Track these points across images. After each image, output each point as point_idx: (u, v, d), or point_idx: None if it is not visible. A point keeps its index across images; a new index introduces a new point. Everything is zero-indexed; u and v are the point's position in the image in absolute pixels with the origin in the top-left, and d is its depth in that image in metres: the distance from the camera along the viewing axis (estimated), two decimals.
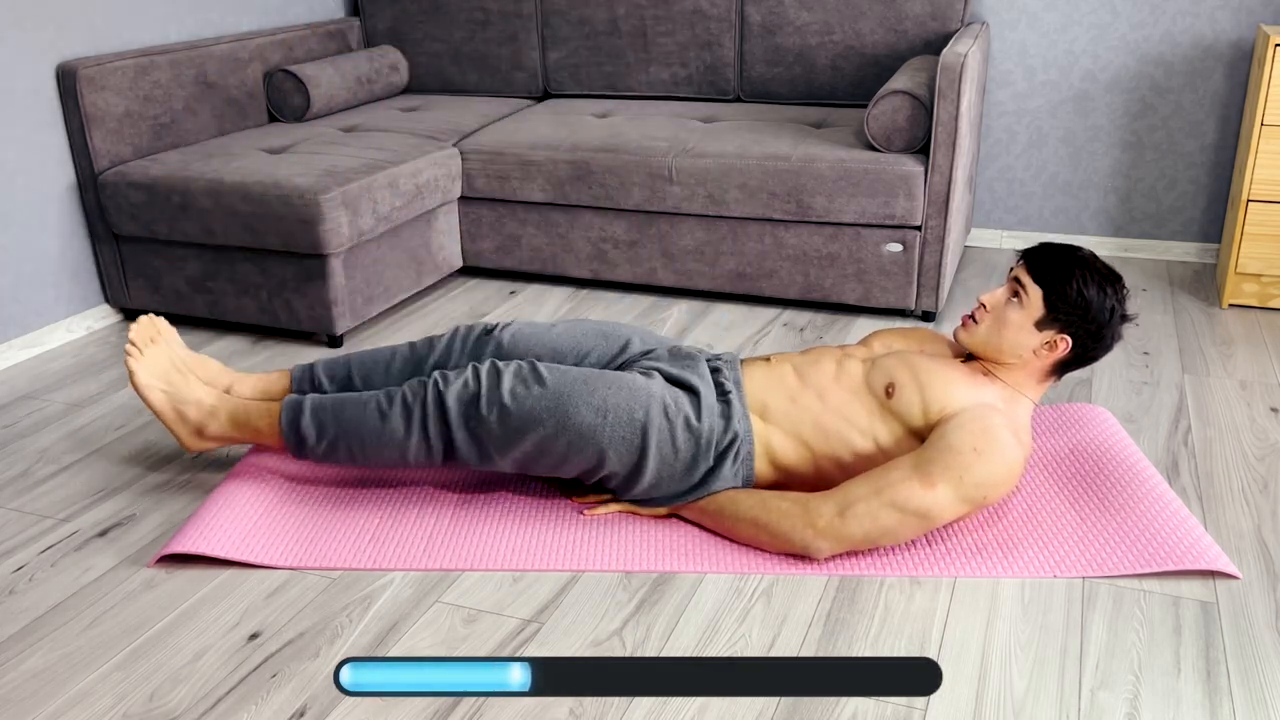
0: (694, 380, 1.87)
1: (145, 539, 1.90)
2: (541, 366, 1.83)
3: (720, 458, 1.84)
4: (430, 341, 2.05)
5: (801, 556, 1.76)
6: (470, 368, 1.84)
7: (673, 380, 1.88)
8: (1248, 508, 1.94)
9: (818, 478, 1.88)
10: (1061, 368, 1.84)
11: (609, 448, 1.79)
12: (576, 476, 1.87)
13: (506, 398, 1.79)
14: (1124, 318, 1.80)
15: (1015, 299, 1.81)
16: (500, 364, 1.84)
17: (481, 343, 2.02)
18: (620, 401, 1.79)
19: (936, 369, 1.82)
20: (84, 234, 2.87)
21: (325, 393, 2.02)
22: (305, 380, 2.05)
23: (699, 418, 1.83)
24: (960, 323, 1.88)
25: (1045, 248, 1.81)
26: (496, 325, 2.04)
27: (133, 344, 1.96)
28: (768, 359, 1.97)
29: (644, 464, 1.80)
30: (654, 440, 1.79)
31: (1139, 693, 1.48)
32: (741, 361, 1.99)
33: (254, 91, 3.28)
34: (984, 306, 1.84)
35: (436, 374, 1.85)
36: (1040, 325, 1.79)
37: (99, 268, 2.92)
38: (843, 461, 1.84)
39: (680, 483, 1.84)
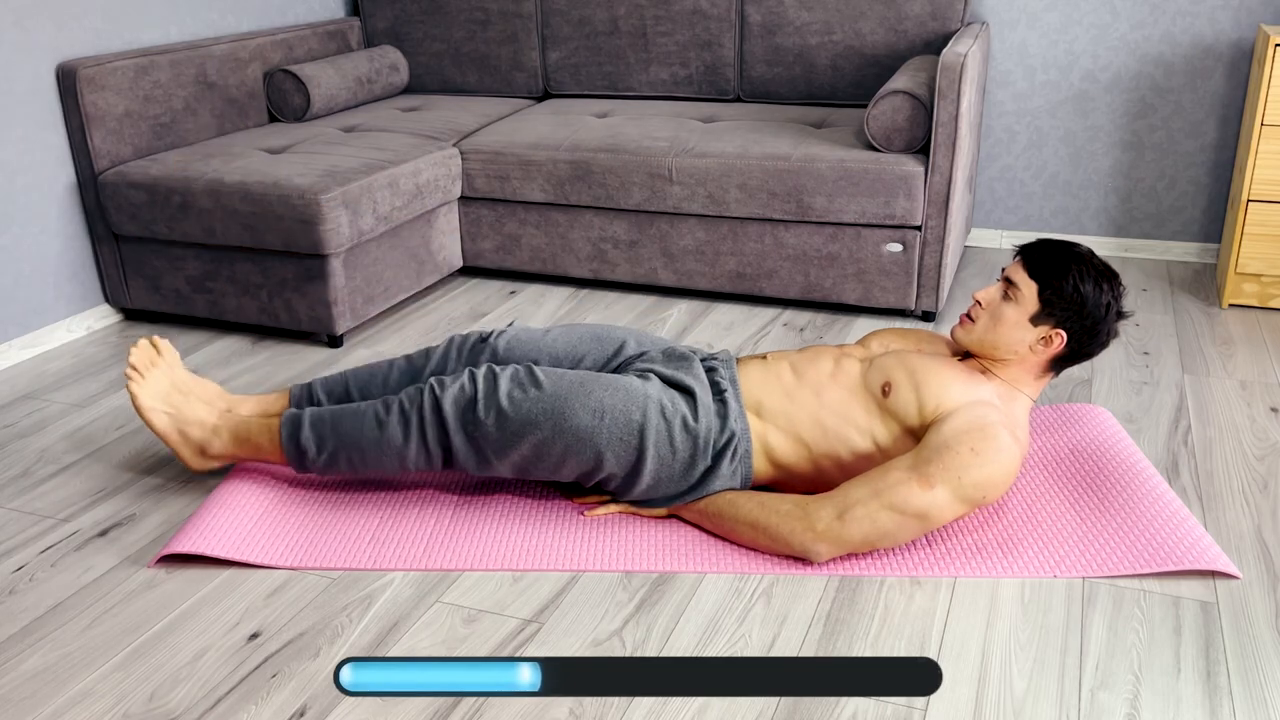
0: (689, 381, 1.87)
1: (145, 539, 1.90)
2: (538, 370, 1.83)
3: (718, 457, 1.84)
4: (426, 353, 2.05)
5: (801, 558, 1.76)
6: (466, 372, 1.84)
7: (668, 381, 1.88)
8: (1248, 508, 1.94)
9: (817, 476, 1.88)
10: (1058, 363, 1.84)
11: (606, 449, 1.79)
12: (575, 479, 1.87)
13: (503, 401, 1.79)
14: (1120, 314, 1.80)
15: (1009, 295, 1.81)
16: (496, 368, 1.84)
17: (477, 350, 2.03)
18: (617, 403, 1.79)
19: (933, 367, 1.82)
20: (84, 234, 2.87)
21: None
22: (303, 398, 2.06)
23: (695, 418, 1.83)
24: (958, 321, 1.88)
25: (1042, 243, 1.82)
26: (491, 333, 2.05)
27: (133, 368, 1.97)
28: (764, 357, 1.97)
29: (642, 465, 1.81)
30: (651, 441, 1.79)
31: (1139, 693, 1.49)
32: (737, 360, 1.99)
33: (254, 91, 3.28)
34: (979, 304, 1.84)
35: (433, 380, 1.85)
36: (1035, 321, 1.79)
37: (99, 268, 2.92)
38: (841, 460, 1.84)
39: (679, 483, 1.84)
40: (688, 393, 1.86)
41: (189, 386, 2.02)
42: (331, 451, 1.87)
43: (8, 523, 1.97)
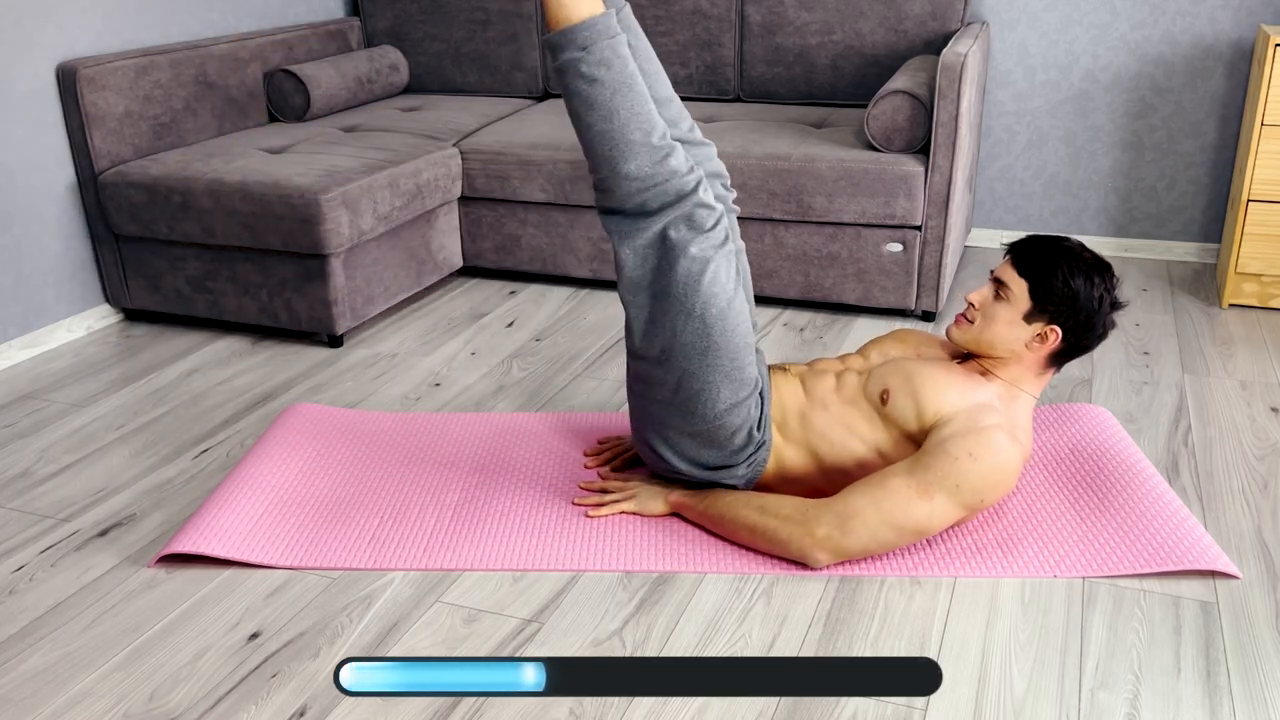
0: (766, 397, 1.90)
1: (145, 539, 1.90)
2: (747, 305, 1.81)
3: (743, 461, 1.85)
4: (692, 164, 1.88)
5: (800, 562, 1.76)
6: (726, 250, 1.75)
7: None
8: (1248, 508, 1.94)
9: (823, 482, 1.88)
10: (1057, 359, 1.84)
11: (724, 385, 1.78)
12: (653, 370, 1.81)
13: (706, 287, 1.72)
14: (1114, 305, 1.79)
15: (1001, 295, 1.81)
16: (731, 244, 1.77)
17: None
18: (750, 369, 1.80)
19: (930, 373, 1.82)
20: (84, 234, 2.87)
21: None
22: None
23: (760, 428, 1.86)
24: (953, 322, 1.88)
25: (1030, 240, 1.81)
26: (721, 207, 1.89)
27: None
28: (785, 368, 1.97)
29: (718, 416, 1.80)
30: (743, 412, 1.81)
31: (1139, 693, 1.49)
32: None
33: (254, 91, 3.28)
34: (973, 305, 1.84)
35: (704, 192, 1.73)
36: (1029, 319, 1.79)
37: (99, 268, 2.92)
38: (847, 470, 1.85)
39: (703, 455, 1.85)
40: (761, 399, 1.89)
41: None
42: (603, 80, 1.70)
43: (8, 523, 1.97)
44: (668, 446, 1.86)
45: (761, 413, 1.86)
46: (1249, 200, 2.82)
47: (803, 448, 1.87)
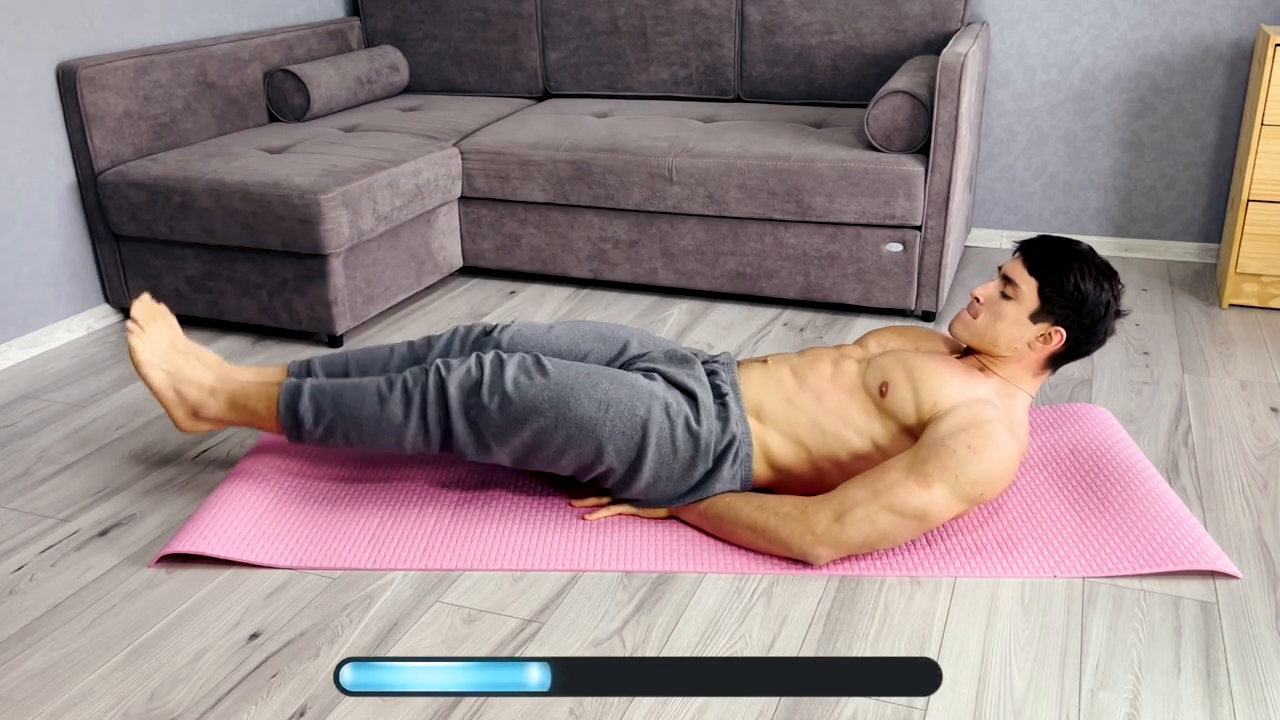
0: (691, 384, 1.87)
1: (145, 539, 1.90)
2: (545, 359, 1.83)
3: (719, 460, 1.84)
4: (429, 341, 2.05)
5: (800, 560, 1.76)
6: (474, 356, 1.84)
7: (671, 382, 1.88)
8: (1248, 508, 1.94)
9: (817, 478, 1.88)
10: (1056, 360, 1.84)
11: (608, 442, 1.79)
12: (573, 473, 1.87)
13: (509, 386, 1.79)
14: (1118, 313, 1.80)
15: (1008, 293, 1.81)
16: (504, 354, 1.84)
17: (481, 343, 2.02)
18: (622, 397, 1.79)
19: (930, 366, 1.82)
20: (84, 234, 2.87)
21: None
22: (302, 373, 2.05)
23: (698, 420, 1.83)
24: (957, 317, 1.88)
25: (1042, 240, 1.81)
26: (496, 326, 2.05)
27: (134, 321, 1.95)
28: (765, 360, 1.97)
29: (642, 461, 1.80)
30: (654, 438, 1.79)
31: (1139, 693, 1.49)
32: (738, 363, 1.99)
33: (254, 91, 3.28)
34: (978, 300, 1.84)
35: (439, 361, 1.85)
36: (1035, 318, 1.79)
37: (99, 268, 2.92)
38: (840, 461, 1.84)
39: (678, 484, 1.84)
40: (690, 395, 1.86)
41: (188, 347, 2.01)
42: (329, 424, 1.86)
43: (8, 523, 1.97)
44: (646, 495, 1.87)
45: (698, 415, 1.84)
46: (1249, 200, 2.82)
47: (787, 434, 1.86)
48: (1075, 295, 1.76)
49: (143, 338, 1.94)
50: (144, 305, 1.98)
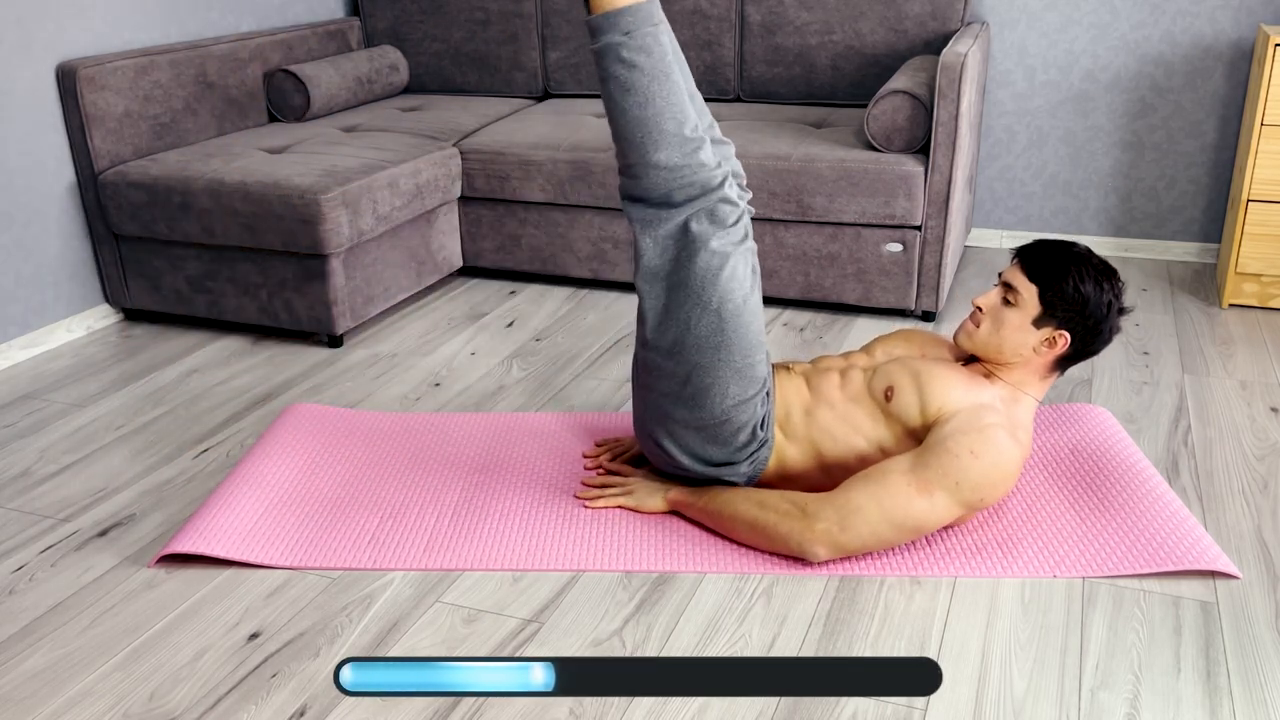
0: (773, 391, 1.90)
1: (145, 539, 1.90)
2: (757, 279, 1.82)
3: (746, 459, 1.85)
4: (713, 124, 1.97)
5: (799, 558, 1.76)
6: (746, 225, 1.78)
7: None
8: (1248, 508, 1.94)
9: (823, 478, 1.88)
10: (1062, 363, 1.84)
11: (732, 382, 1.79)
12: (659, 368, 1.83)
13: (724, 282, 1.74)
14: (1121, 311, 1.80)
15: (1009, 300, 1.80)
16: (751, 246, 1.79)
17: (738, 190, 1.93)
18: (760, 367, 1.81)
19: (934, 371, 1.82)
20: (84, 234, 2.87)
21: None
22: None
23: (763, 426, 1.86)
24: (959, 327, 1.88)
25: (1039, 245, 1.81)
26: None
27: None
28: (788, 366, 1.97)
29: (726, 417, 1.81)
30: (747, 411, 1.81)
31: (1139, 693, 1.49)
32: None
33: (254, 91, 3.28)
34: (980, 310, 1.84)
35: (736, 188, 1.78)
36: (1038, 323, 1.79)
37: (99, 268, 2.92)
38: (848, 465, 1.85)
39: (706, 448, 1.85)
40: (768, 398, 1.89)
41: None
42: (640, 64, 1.71)
43: (8, 523, 1.97)
44: (672, 440, 1.86)
45: (767, 411, 1.86)
46: (1249, 200, 2.82)
47: (806, 445, 1.87)
48: (1076, 298, 1.76)
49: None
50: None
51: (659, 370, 1.82)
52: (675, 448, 1.87)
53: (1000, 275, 1.84)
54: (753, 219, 2.89)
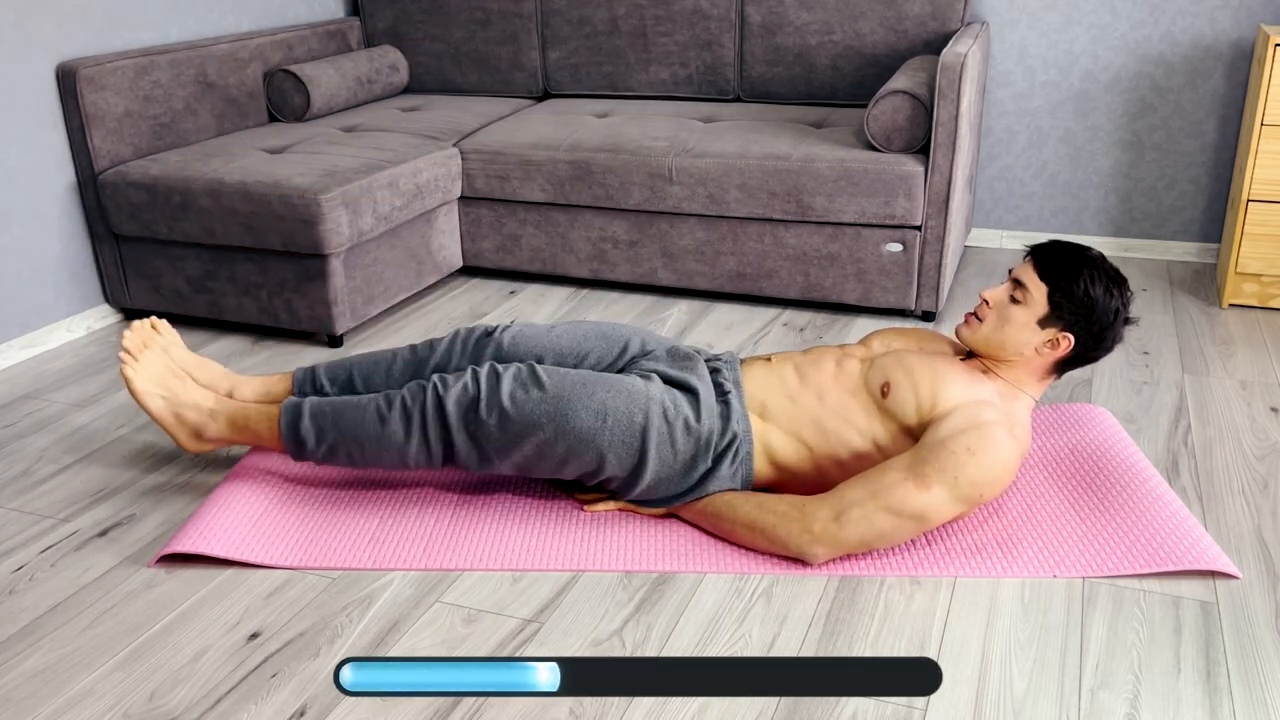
0: (693, 381, 1.87)
1: (145, 539, 1.90)
2: (540, 370, 1.83)
3: (719, 458, 1.84)
4: (430, 344, 2.05)
5: (798, 559, 1.76)
6: (469, 371, 1.84)
7: (671, 381, 1.88)
8: (1248, 508, 1.94)
9: (818, 477, 1.88)
10: (1062, 366, 1.84)
11: (609, 451, 1.79)
12: (577, 479, 1.87)
13: (506, 401, 1.79)
14: (1127, 320, 1.80)
15: (1016, 298, 1.80)
16: (500, 367, 1.84)
17: (481, 345, 2.02)
18: (619, 405, 1.79)
19: (932, 367, 1.82)
20: (84, 234, 2.87)
21: (326, 395, 2.02)
22: (307, 382, 2.05)
23: (698, 418, 1.83)
24: (963, 320, 1.88)
25: (1053, 245, 1.81)
26: (496, 327, 2.05)
27: (127, 351, 1.97)
28: (769, 358, 1.97)
29: (643, 466, 1.81)
30: (653, 443, 1.79)
31: (1139, 693, 1.49)
32: (741, 361, 1.99)
33: (254, 91, 3.28)
34: (986, 303, 1.84)
35: (436, 377, 1.85)
36: (1044, 323, 1.79)
37: (99, 268, 2.92)
38: (841, 461, 1.84)
39: (679, 483, 1.84)
40: (691, 392, 1.86)
41: (188, 367, 2.03)
42: (331, 444, 1.87)
43: (8, 523, 1.97)
44: (648, 495, 1.87)
45: (698, 413, 1.84)
46: (1249, 200, 2.82)
47: (790, 432, 1.86)
48: (1085, 301, 1.76)
49: (137, 367, 1.96)
50: (136, 331, 2.00)
51: (593, 475, 1.85)
52: (657, 496, 1.88)
53: (1011, 271, 1.84)
54: (753, 219, 2.89)
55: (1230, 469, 2.08)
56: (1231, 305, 2.94)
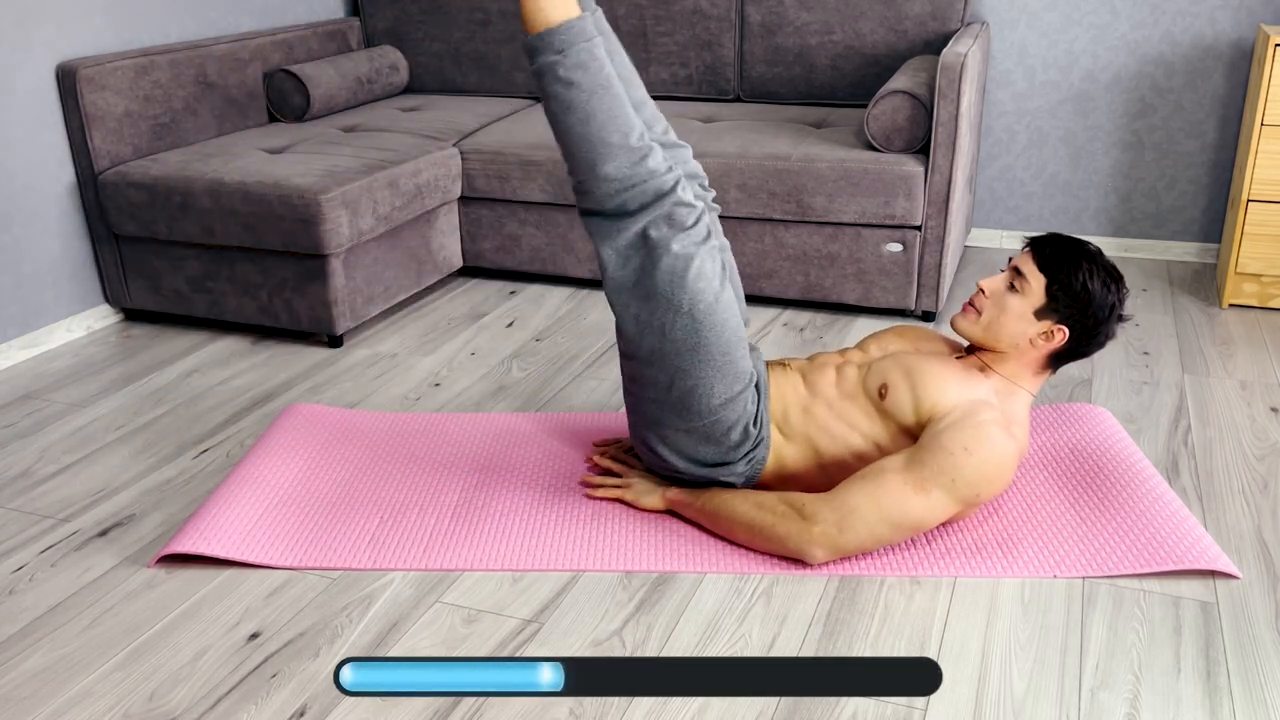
0: (764, 391, 1.90)
1: (145, 539, 1.90)
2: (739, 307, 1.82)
3: (741, 458, 1.85)
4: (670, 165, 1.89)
5: (797, 559, 1.76)
6: (709, 246, 1.76)
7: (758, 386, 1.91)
8: (1248, 508, 1.94)
9: (820, 477, 1.88)
10: (1056, 359, 1.84)
11: (716, 377, 1.78)
12: (629, 384, 1.84)
13: (692, 266, 1.73)
14: (1121, 317, 1.81)
15: (1014, 287, 1.81)
16: (728, 261, 1.81)
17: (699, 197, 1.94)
18: (744, 368, 1.81)
19: (928, 367, 1.82)
20: (84, 234, 2.87)
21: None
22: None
23: (755, 423, 1.86)
24: (961, 310, 1.88)
25: (1053, 238, 1.82)
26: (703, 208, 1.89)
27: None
28: (784, 364, 1.97)
29: (711, 404, 1.80)
30: (736, 413, 1.81)
31: (1139, 693, 1.49)
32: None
33: (254, 91, 3.28)
34: (983, 292, 1.84)
35: (685, 184, 1.76)
36: (1040, 314, 1.79)
37: (99, 268, 2.92)
38: (845, 464, 1.85)
39: (700, 449, 1.84)
40: (760, 395, 1.88)
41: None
42: (578, 81, 1.72)
43: (8, 523, 1.97)
44: (665, 445, 1.86)
45: (758, 408, 1.86)
46: (1249, 200, 2.82)
47: (804, 444, 1.87)
48: (1082, 294, 1.76)
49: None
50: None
51: (642, 379, 1.82)
52: (669, 451, 1.87)
53: (1010, 260, 1.85)
54: (753, 219, 2.89)
55: (1230, 469, 2.08)
56: (1231, 305, 2.94)
